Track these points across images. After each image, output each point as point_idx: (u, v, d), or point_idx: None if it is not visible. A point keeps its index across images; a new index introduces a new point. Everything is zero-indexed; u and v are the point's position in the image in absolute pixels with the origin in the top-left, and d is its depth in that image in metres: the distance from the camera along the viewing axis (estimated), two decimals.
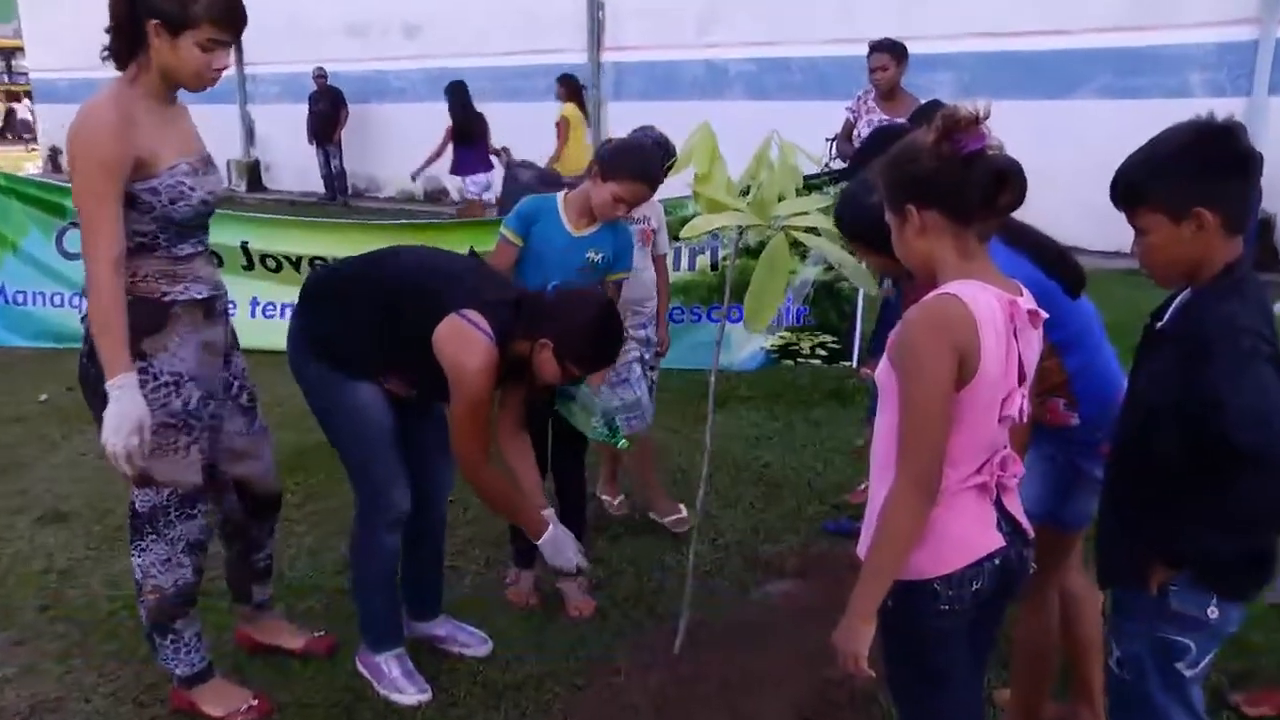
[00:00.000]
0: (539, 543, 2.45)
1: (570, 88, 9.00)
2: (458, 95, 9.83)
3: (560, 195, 2.92)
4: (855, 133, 5.17)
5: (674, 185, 2.88)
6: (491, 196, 9.52)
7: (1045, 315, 1.57)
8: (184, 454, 2.23)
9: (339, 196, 12.69)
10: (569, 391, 2.64)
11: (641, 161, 2.81)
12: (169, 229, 2.15)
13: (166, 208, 2.12)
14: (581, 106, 9.07)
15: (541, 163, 7.94)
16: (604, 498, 3.71)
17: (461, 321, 2.23)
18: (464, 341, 2.22)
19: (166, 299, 2.18)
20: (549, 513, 2.51)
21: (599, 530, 3.47)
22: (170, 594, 2.30)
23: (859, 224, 1.88)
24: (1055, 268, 1.88)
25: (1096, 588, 1.82)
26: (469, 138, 9.73)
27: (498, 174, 9.21)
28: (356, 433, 2.37)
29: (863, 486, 3.69)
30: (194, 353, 2.23)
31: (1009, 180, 1.48)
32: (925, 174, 1.50)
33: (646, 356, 3.42)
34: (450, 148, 9.86)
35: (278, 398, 4.75)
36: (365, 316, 2.32)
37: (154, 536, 2.26)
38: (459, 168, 9.83)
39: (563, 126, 9.15)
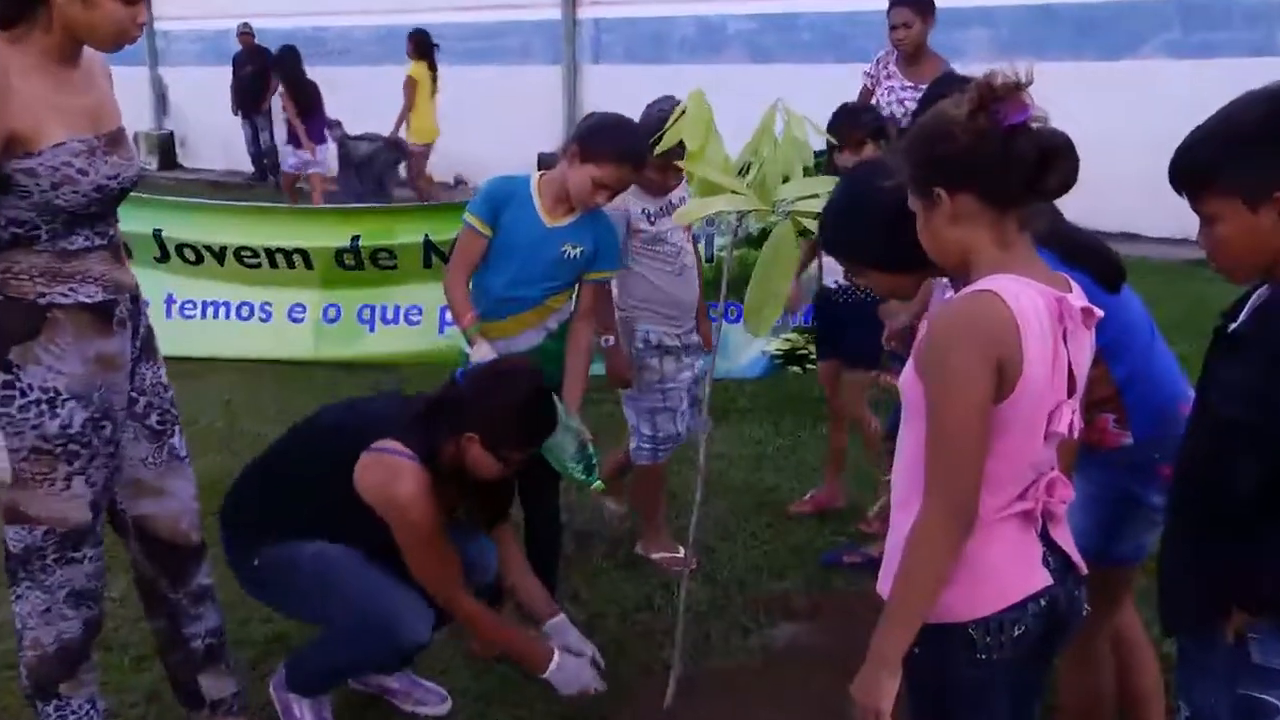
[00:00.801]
0: (546, 675, 2.51)
1: (419, 44, 9.12)
2: (288, 63, 9.92)
3: (534, 177, 2.91)
4: (874, 101, 5.17)
5: None
6: (323, 170, 9.62)
7: (1100, 314, 1.57)
8: (63, 486, 2.11)
9: (270, 176, 12.59)
10: None
11: (627, 140, 2.79)
12: (53, 218, 2.03)
13: (47, 193, 1.99)
14: (432, 66, 9.20)
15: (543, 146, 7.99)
16: (607, 504, 3.74)
17: (376, 455, 2.34)
18: (385, 472, 2.32)
19: (43, 301, 2.04)
20: (557, 622, 2.61)
21: (577, 564, 3.47)
22: (51, 651, 2.19)
23: (852, 235, 1.80)
24: (1078, 257, 1.87)
25: (1155, 634, 1.82)
26: (307, 109, 9.77)
27: (330, 149, 9.44)
28: (329, 578, 2.41)
29: (874, 510, 3.70)
30: (78, 366, 2.09)
31: (1056, 158, 1.48)
32: (958, 152, 1.50)
33: (699, 367, 3.37)
34: (285, 118, 9.94)
35: (196, 413, 4.73)
36: (297, 514, 2.46)
37: (29, 583, 2.15)
38: (296, 139, 9.89)
39: (409, 89, 9.14)
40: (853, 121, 3.47)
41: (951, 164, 1.51)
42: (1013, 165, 1.48)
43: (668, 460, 3.48)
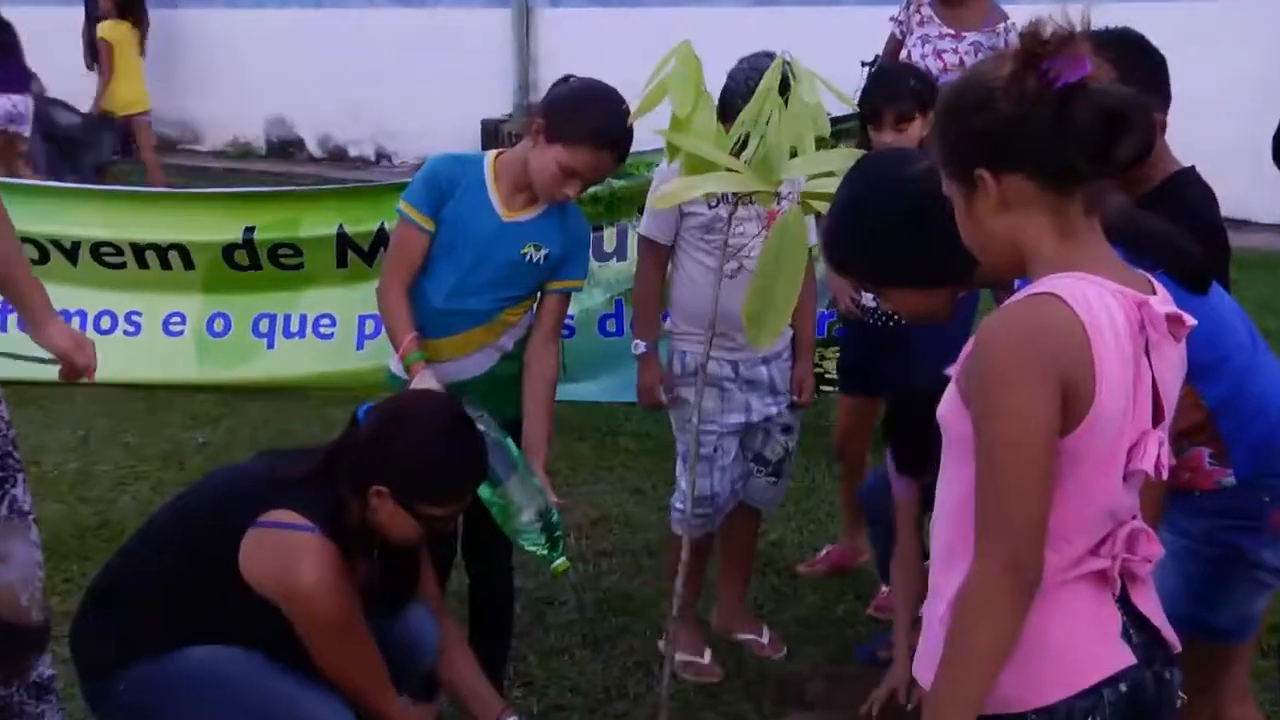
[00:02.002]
0: None
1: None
2: None
3: (488, 159, 2.90)
4: (904, 54, 5.21)
5: (636, 133, 2.87)
6: (23, 129, 9.39)
7: (1192, 322, 1.58)
8: None
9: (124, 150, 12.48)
10: (496, 468, 2.62)
11: (606, 117, 2.75)
12: None
13: None
14: (138, 23, 9.22)
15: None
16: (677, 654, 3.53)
17: (264, 533, 2.30)
18: (279, 556, 2.29)
19: None
20: None
21: (534, 638, 3.46)
22: None
23: (864, 248, 1.79)
24: (1149, 249, 1.85)
25: None
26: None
27: (28, 102, 9.19)
28: (220, 698, 2.35)
29: (885, 590, 3.68)
30: None
31: (1126, 121, 1.48)
32: (1001, 123, 1.50)
33: (773, 412, 3.29)
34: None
35: (40, 452, 4.68)
36: (173, 616, 2.40)
37: None
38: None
39: (105, 51, 9.15)
40: (892, 88, 3.38)
41: (994, 138, 1.52)
42: (1071, 134, 1.48)
43: (706, 536, 3.33)
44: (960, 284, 1.67)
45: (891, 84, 3.43)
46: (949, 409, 1.58)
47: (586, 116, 2.73)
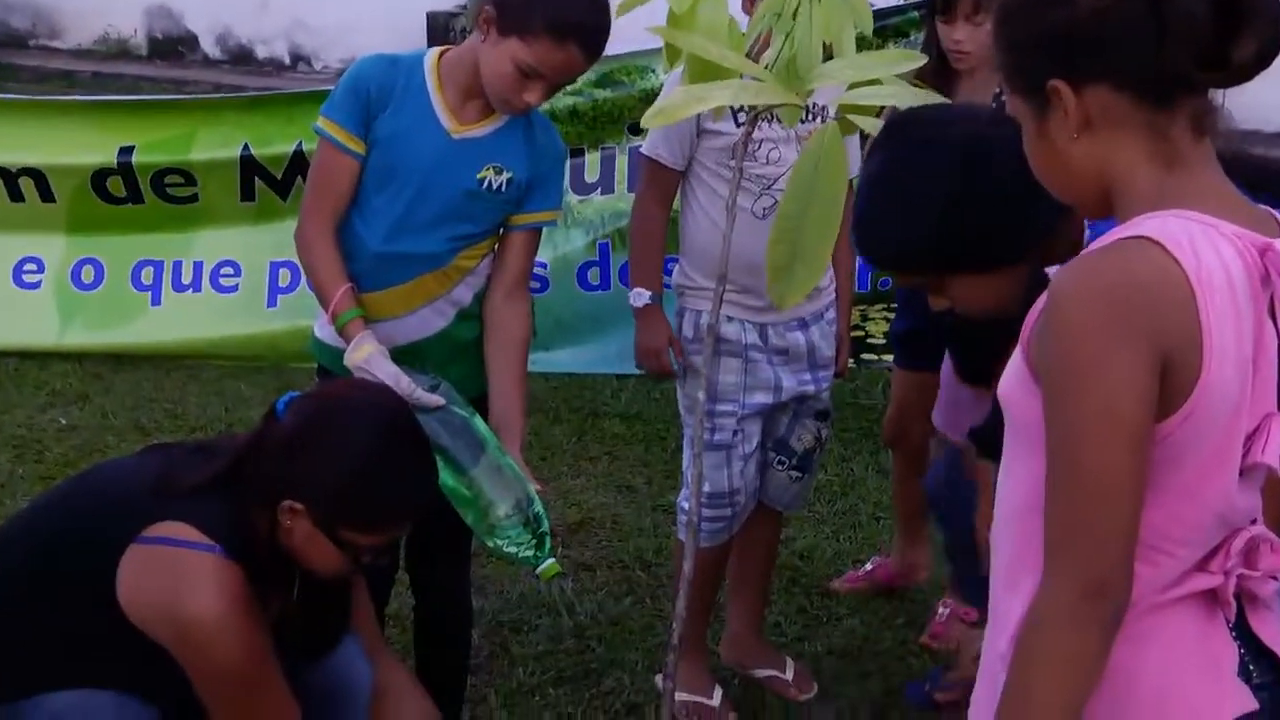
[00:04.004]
0: None
1: None
2: None
3: (429, 58, 2.90)
4: None
5: (627, 31, 2.87)
6: None
7: None
8: None
9: None
10: (461, 452, 2.65)
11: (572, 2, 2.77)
12: None
13: None
14: None
15: None
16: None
17: (149, 550, 2.29)
18: (167, 578, 2.28)
19: None
20: None
21: (496, 674, 3.48)
22: None
23: (908, 231, 1.85)
24: (1269, 186, 1.88)
25: None
26: None
27: None
28: None
29: (943, 613, 3.72)
30: None
31: (1245, 13, 1.49)
32: (1082, 20, 1.52)
33: (810, 390, 3.34)
34: None
35: None
36: (30, 651, 2.41)
37: None
38: None
39: None
40: None
41: (1074, 40, 1.53)
42: (1172, 30, 1.50)
43: (723, 543, 3.36)
44: (1033, 258, 1.69)
45: None
46: (1012, 385, 1.60)
47: (546, 0, 2.75)
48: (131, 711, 2.41)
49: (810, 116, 3.01)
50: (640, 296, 3.26)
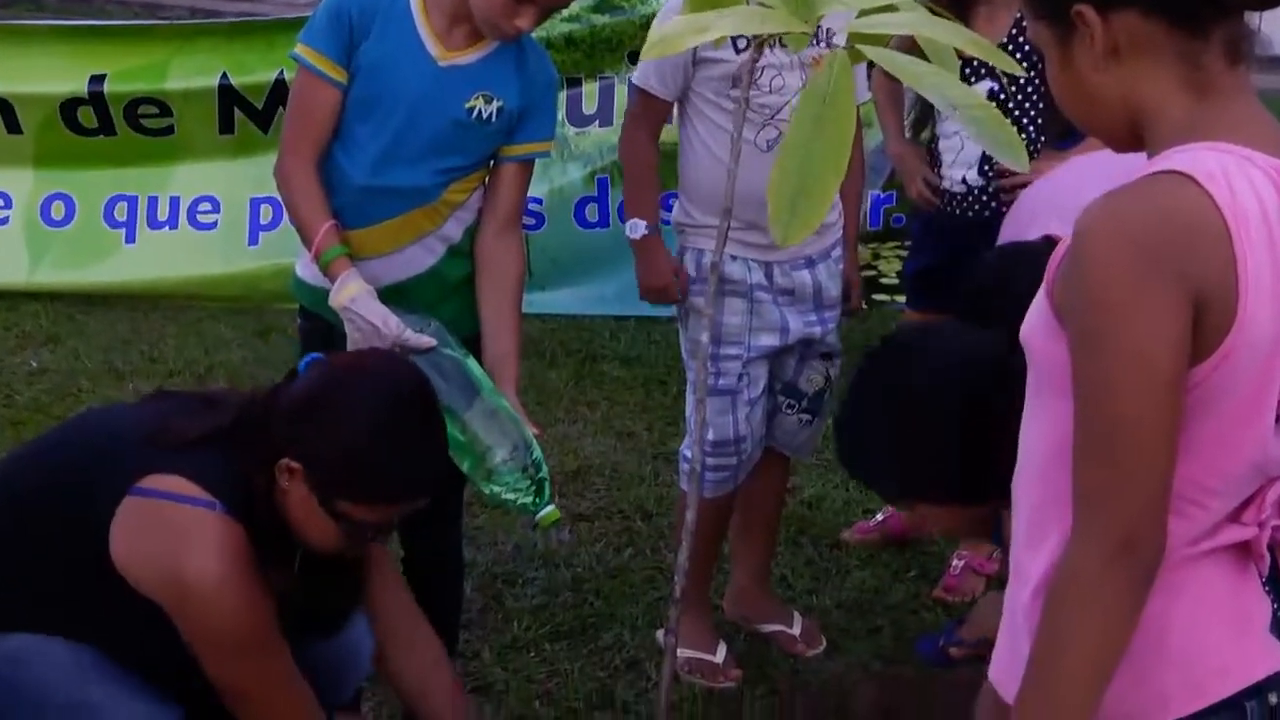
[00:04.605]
0: None
1: None
2: None
3: None
4: None
5: None
6: None
7: None
8: None
9: None
10: (454, 395, 2.64)
11: None
12: None
13: None
14: None
15: None
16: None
17: (145, 504, 2.28)
18: (166, 534, 2.27)
19: None
20: None
21: (491, 629, 3.50)
22: None
23: (896, 457, 1.92)
24: None
25: None
26: None
27: None
28: (18, 694, 2.36)
29: (957, 565, 3.73)
30: None
31: None
32: None
33: (816, 332, 3.33)
34: None
35: None
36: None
37: None
38: None
39: None
40: None
41: None
42: None
43: (725, 495, 3.37)
44: (1004, 498, 1.76)
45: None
46: (1036, 328, 1.59)
47: None
48: (88, 660, 2.40)
49: (815, 41, 2.98)
50: (636, 228, 3.24)
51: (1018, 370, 1.66)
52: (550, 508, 2.66)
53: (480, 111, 2.84)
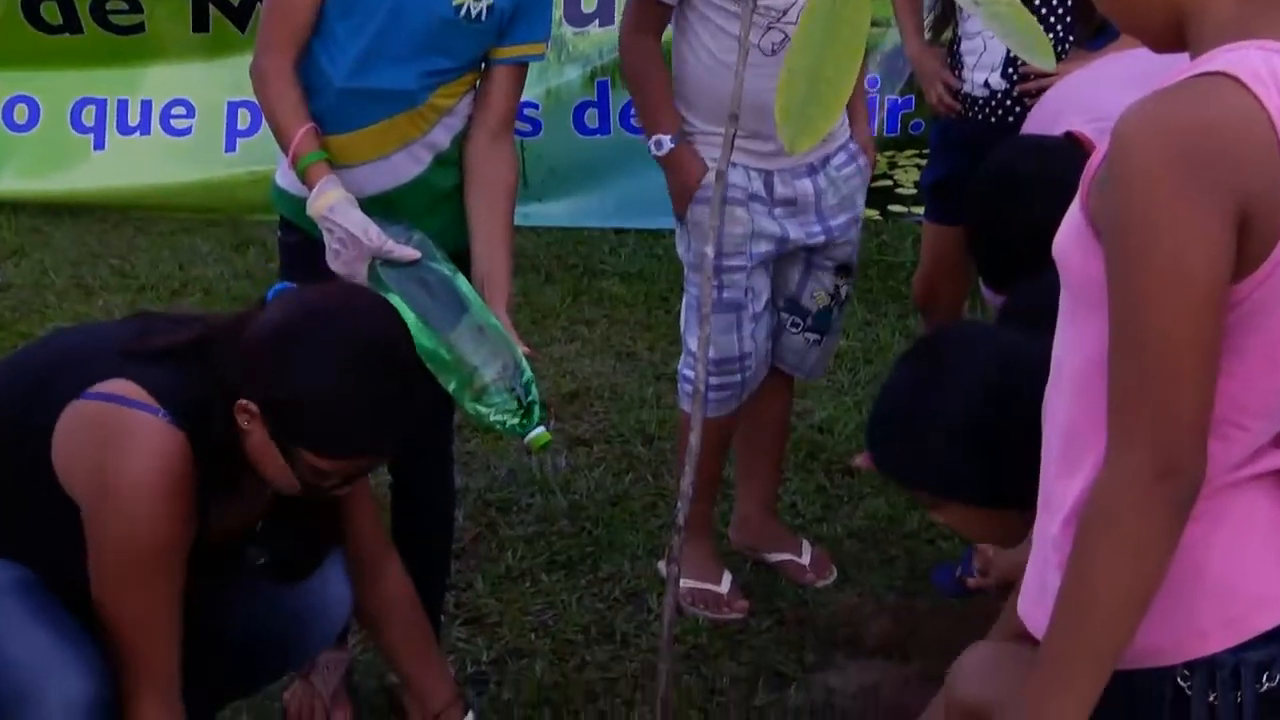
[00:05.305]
0: None
1: None
2: None
3: None
4: None
5: None
6: None
7: None
8: None
9: None
10: (440, 312, 2.63)
11: None
12: None
13: None
14: None
15: None
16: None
17: (90, 404, 2.28)
18: (104, 432, 2.26)
19: None
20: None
21: (484, 560, 3.52)
22: None
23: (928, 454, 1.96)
24: None
25: None
26: None
27: None
28: None
29: None
30: None
31: None
32: None
33: (820, 240, 3.34)
34: None
35: None
36: None
37: None
38: None
39: None
40: None
41: None
42: None
43: (728, 416, 3.39)
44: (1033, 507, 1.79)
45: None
46: (1070, 241, 1.58)
47: None
48: (5, 581, 2.38)
49: None
50: (662, 144, 3.21)
51: None
52: (540, 429, 2.64)
53: (469, 9, 2.81)
